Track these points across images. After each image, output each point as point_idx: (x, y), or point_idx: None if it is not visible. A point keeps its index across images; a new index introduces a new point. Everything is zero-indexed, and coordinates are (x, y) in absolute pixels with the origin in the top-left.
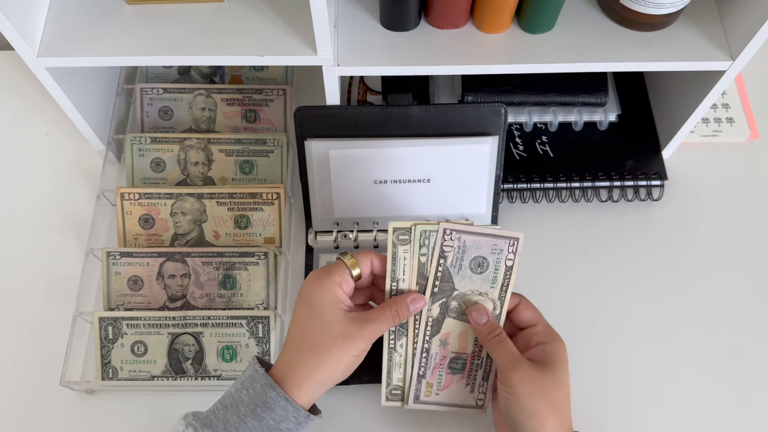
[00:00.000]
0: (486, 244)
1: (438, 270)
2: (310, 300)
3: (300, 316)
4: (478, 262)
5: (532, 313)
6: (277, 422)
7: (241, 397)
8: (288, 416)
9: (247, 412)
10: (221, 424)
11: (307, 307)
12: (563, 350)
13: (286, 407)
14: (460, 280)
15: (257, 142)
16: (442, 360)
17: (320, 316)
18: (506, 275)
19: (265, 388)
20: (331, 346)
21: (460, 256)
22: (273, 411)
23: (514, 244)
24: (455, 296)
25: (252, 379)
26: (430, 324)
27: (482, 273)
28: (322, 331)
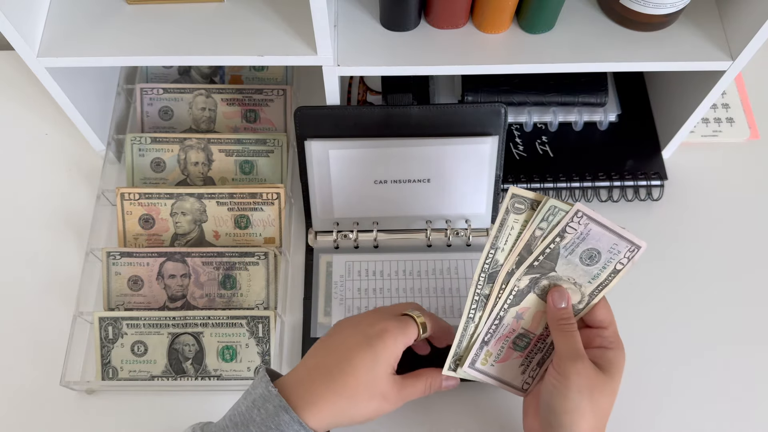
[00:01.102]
0: (608, 240)
1: (549, 246)
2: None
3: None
4: (592, 254)
5: (607, 315)
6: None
7: (253, 418)
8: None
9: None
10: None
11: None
12: (623, 360)
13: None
14: (564, 265)
15: (257, 142)
16: (510, 333)
17: (374, 370)
18: (609, 277)
19: (278, 410)
20: (368, 400)
21: (577, 242)
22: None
23: (634, 251)
24: (550, 276)
25: (264, 398)
26: (514, 294)
27: (589, 266)
28: (367, 383)
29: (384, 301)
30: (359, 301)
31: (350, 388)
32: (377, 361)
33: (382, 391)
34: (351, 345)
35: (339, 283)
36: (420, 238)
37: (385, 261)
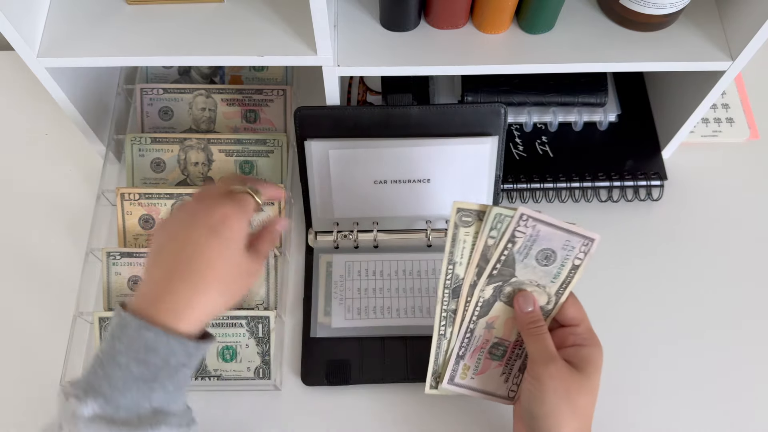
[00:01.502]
0: (559, 238)
1: (503, 253)
2: (227, 237)
3: (205, 251)
4: (547, 254)
5: (577, 312)
6: (165, 360)
7: (117, 349)
8: (175, 351)
9: (129, 362)
10: (105, 383)
11: (216, 243)
12: (599, 357)
13: (169, 344)
14: (522, 269)
15: (257, 142)
16: (484, 343)
17: (229, 256)
18: (570, 273)
19: (141, 330)
20: (232, 283)
21: (529, 245)
22: (157, 351)
23: (588, 244)
24: (512, 282)
25: (122, 326)
26: (480, 305)
27: (547, 266)
28: (227, 270)
29: (384, 300)
30: (359, 301)
31: (213, 281)
32: (229, 246)
33: (243, 270)
34: (197, 241)
35: (339, 283)
36: (420, 238)
37: (385, 261)
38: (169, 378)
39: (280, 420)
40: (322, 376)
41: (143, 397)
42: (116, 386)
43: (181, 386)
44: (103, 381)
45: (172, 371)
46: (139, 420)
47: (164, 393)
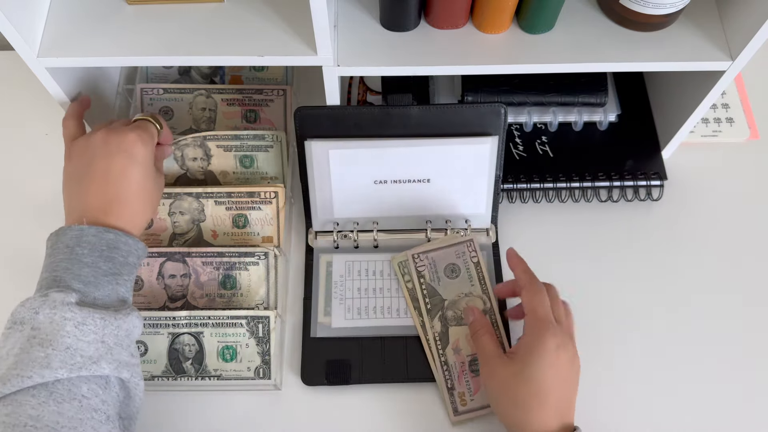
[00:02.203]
0: (449, 253)
1: (423, 289)
2: (140, 160)
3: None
4: (451, 269)
5: (527, 302)
6: (125, 257)
7: (78, 253)
8: (131, 250)
9: (96, 260)
10: (76, 282)
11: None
12: (538, 344)
13: (127, 242)
14: (444, 290)
15: (255, 138)
16: (462, 366)
17: (144, 174)
18: (478, 271)
19: (101, 233)
20: (157, 197)
21: (434, 270)
22: (119, 249)
23: (470, 245)
24: (447, 305)
25: (78, 238)
26: (438, 338)
27: (458, 277)
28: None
29: (384, 301)
30: (359, 300)
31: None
32: (146, 167)
33: (158, 184)
34: (120, 169)
35: (339, 283)
36: (420, 238)
37: (385, 261)
38: (129, 274)
39: (280, 420)
40: (322, 376)
41: (113, 289)
42: (89, 282)
43: (132, 287)
44: (73, 280)
45: (130, 268)
46: (115, 308)
47: (126, 288)
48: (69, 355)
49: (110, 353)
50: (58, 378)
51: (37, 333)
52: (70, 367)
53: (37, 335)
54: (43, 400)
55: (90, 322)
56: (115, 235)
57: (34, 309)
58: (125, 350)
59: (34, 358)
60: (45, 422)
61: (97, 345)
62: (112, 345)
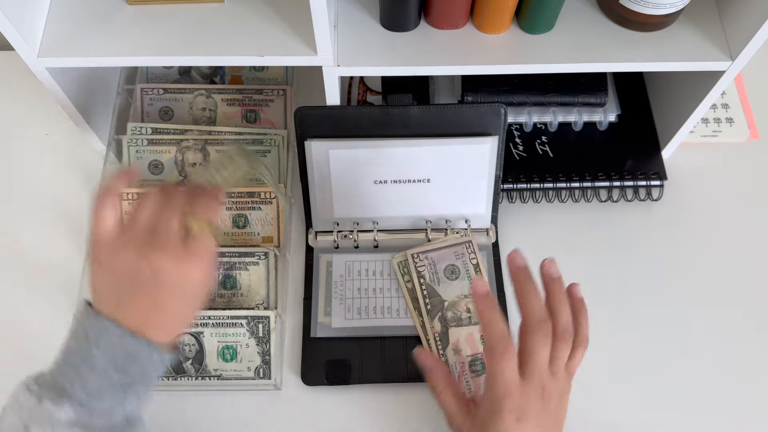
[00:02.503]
0: (449, 253)
1: (423, 289)
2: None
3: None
4: (450, 269)
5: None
6: (143, 369)
7: (94, 354)
8: (154, 361)
9: (107, 368)
10: (79, 388)
11: (188, 301)
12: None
13: (150, 354)
14: (444, 291)
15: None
16: (462, 367)
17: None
18: (477, 272)
19: (124, 338)
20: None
21: (434, 271)
22: (136, 360)
23: (469, 246)
24: (447, 307)
25: (99, 332)
26: (438, 338)
27: (458, 278)
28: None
29: (384, 301)
30: (359, 300)
31: (178, 325)
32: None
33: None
34: (171, 304)
35: (339, 283)
36: (420, 238)
37: (385, 261)
38: (143, 385)
39: (280, 420)
40: (322, 376)
41: (118, 403)
42: (92, 392)
43: (148, 394)
44: (77, 385)
45: (147, 378)
46: (111, 427)
47: (136, 400)
48: None
49: None
50: None
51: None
52: None
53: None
54: None
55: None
56: (138, 344)
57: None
58: None
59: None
60: None
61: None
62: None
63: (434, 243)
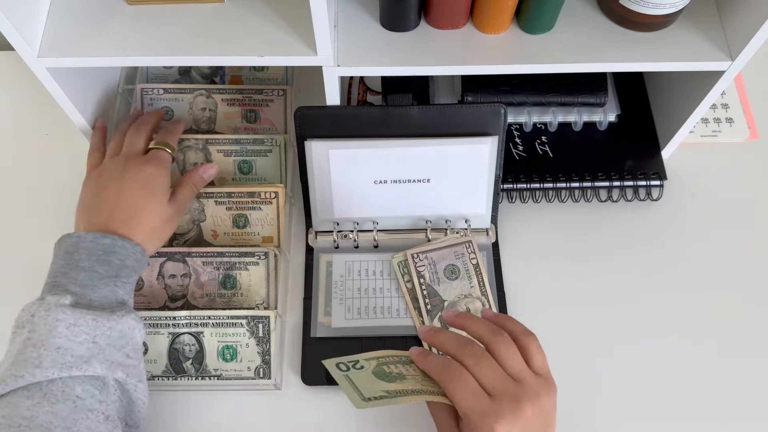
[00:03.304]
0: (449, 253)
1: (423, 289)
2: (156, 191)
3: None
4: (450, 269)
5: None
6: (123, 260)
7: (76, 258)
8: (129, 253)
9: (92, 264)
10: (73, 285)
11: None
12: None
13: (124, 245)
14: (444, 291)
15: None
16: None
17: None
18: (477, 272)
19: (98, 239)
20: (165, 230)
21: (434, 271)
22: (115, 252)
23: (469, 246)
24: (447, 307)
25: (75, 245)
26: None
27: (458, 278)
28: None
29: (384, 301)
30: (359, 300)
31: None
32: (157, 199)
33: (167, 217)
34: (132, 195)
35: (339, 283)
36: (420, 238)
37: (385, 261)
38: (127, 277)
39: (280, 420)
40: (322, 376)
41: (110, 291)
42: (85, 285)
43: (132, 290)
44: (70, 284)
45: (129, 271)
46: (111, 309)
47: (125, 290)
48: (60, 354)
49: (102, 353)
50: (49, 377)
51: (32, 335)
52: (61, 366)
53: (32, 337)
54: (37, 401)
55: (81, 323)
56: (111, 239)
57: (31, 312)
58: (119, 351)
59: (27, 358)
60: (38, 422)
61: (89, 345)
62: (104, 345)
63: (434, 243)
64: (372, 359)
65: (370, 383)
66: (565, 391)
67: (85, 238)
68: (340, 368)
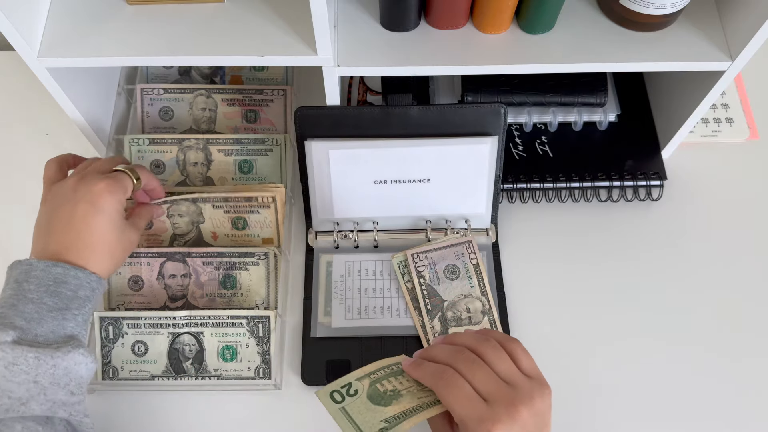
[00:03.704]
0: (449, 253)
1: (423, 289)
2: (103, 210)
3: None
4: (450, 269)
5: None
6: (75, 290)
7: (26, 288)
8: (82, 283)
9: (41, 296)
10: (19, 318)
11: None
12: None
13: (77, 275)
14: (444, 291)
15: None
16: None
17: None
18: (477, 272)
19: (49, 267)
20: (122, 252)
21: (434, 271)
22: (67, 283)
23: (469, 246)
24: (447, 307)
25: (27, 272)
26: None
27: (458, 278)
28: (112, 236)
29: (384, 301)
30: (359, 300)
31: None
32: (110, 220)
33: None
34: (82, 216)
35: (339, 283)
36: (420, 238)
37: (385, 261)
38: (79, 309)
39: (280, 420)
40: (322, 376)
41: (58, 325)
42: (32, 318)
43: (86, 321)
44: (16, 317)
45: (81, 302)
46: (57, 344)
47: (75, 323)
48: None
49: (43, 393)
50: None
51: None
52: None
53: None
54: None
55: (22, 361)
56: (63, 268)
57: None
58: (62, 389)
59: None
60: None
61: (29, 385)
62: (47, 384)
63: (434, 243)
64: (364, 377)
65: (368, 413)
66: (564, 390)
67: (36, 267)
68: (334, 399)
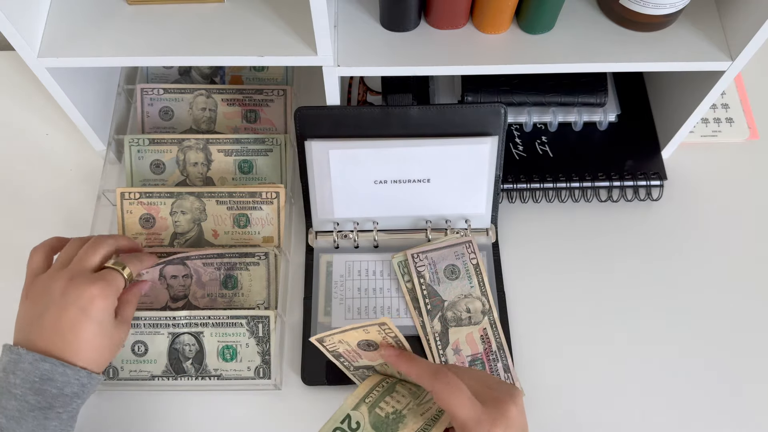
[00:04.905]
0: (449, 253)
1: (423, 289)
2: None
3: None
4: (450, 269)
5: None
6: (61, 388)
7: (12, 382)
8: (69, 380)
9: (25, 393)
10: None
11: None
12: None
13: (65, 372)
14: (444, 291)
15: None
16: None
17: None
18: (477, 272)
19: (37, 362)
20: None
21: (434, 271)
22: (53, 380)
23: (469, 246)
24: (447, 306)
25: (15, 361)
26: (438, 338)
27: (458, 278)
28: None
29: (384, 301)
30: (359, 300)
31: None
32: (100, 324)
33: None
34: (71, 323)
35: (339, 283)
36: (420, 238)
37: (385, 261)
38: (64, 407)
39: (280, 420)
40: (322, 376)
41: (39, 425)
42: (12, 416)
43: (74, 416)
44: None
45: (67, 399)
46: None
47: (59, 422)
48: None
49: None
50: None
51: None
52: None
53: None
54: None
55: None
56: (51, 365)
57: None
58: None
59: None
60: None
61: None
62: None
63: (434, 243)
64: (360, 404)
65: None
66: (564, 390)
67: (25, 358)
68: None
